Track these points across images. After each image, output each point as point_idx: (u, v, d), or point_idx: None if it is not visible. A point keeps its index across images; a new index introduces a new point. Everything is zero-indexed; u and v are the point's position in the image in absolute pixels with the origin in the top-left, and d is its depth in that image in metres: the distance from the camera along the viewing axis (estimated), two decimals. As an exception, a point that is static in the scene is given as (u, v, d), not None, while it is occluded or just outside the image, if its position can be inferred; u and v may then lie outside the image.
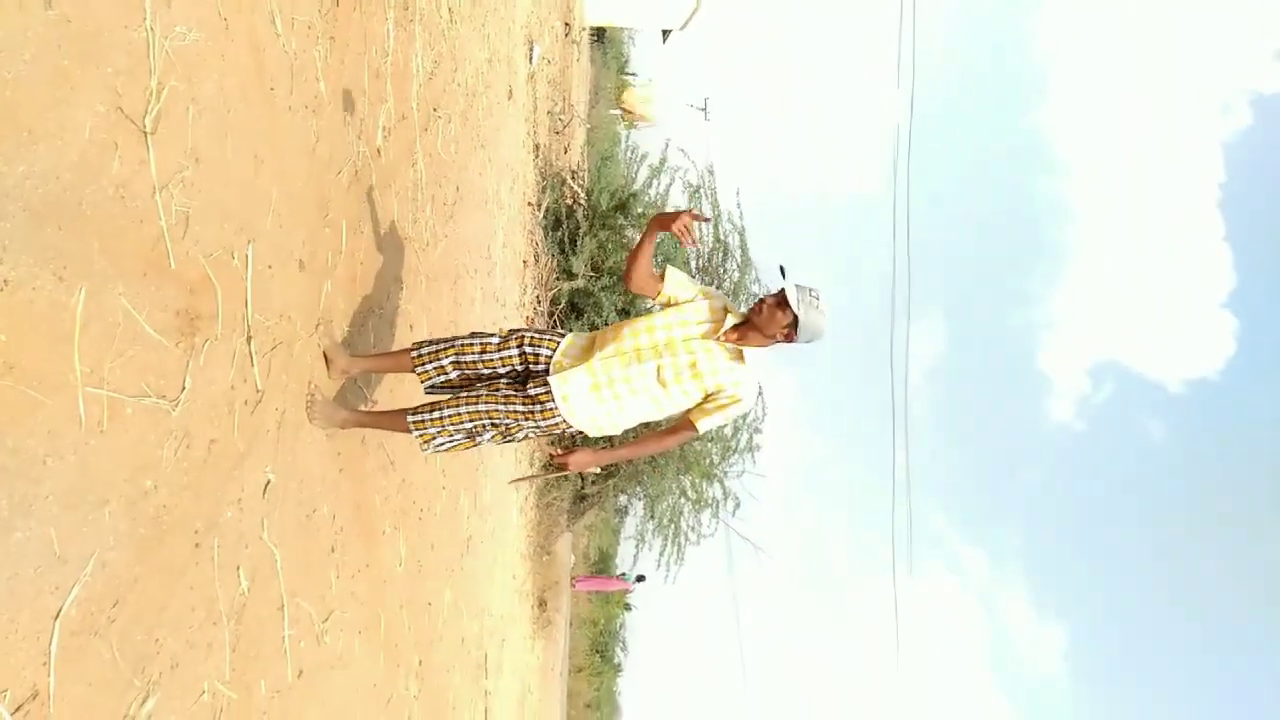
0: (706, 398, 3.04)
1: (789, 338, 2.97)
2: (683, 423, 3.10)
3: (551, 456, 3.31)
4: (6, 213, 1.49)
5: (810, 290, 2.93)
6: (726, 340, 3.01)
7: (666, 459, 9.16)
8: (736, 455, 9.87)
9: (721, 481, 9.91)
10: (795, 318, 2.89)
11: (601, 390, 2.99)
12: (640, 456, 3.26)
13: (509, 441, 3.20)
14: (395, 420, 3.15)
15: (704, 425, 3.04)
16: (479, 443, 3.16)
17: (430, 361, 3.11)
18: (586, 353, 3.04)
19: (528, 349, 3.06)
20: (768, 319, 2.93)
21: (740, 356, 3.02)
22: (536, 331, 3.10)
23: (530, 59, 9.09)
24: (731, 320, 3.00)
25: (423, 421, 3.07)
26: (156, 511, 1.91)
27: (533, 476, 3.11)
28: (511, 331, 3.11)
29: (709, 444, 9.77)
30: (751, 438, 9.82)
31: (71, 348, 1.64)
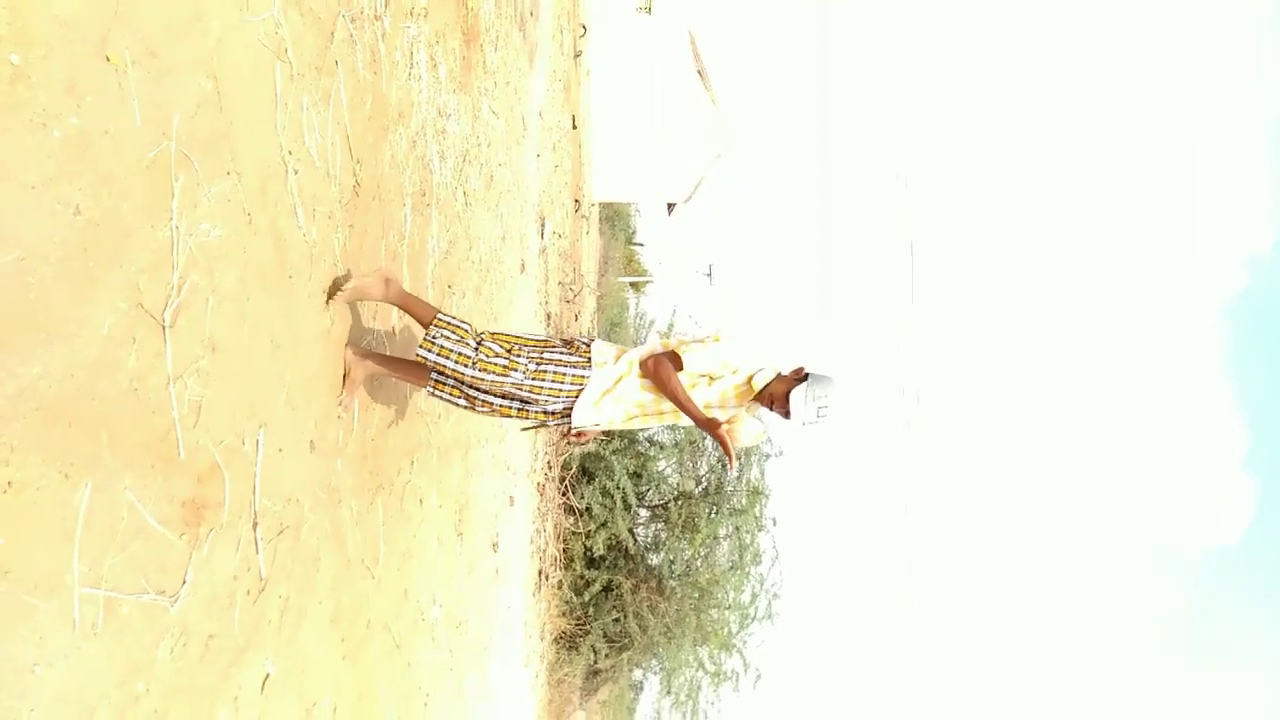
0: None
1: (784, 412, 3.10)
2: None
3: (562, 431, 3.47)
4: (19, 414, 1.49)
5: (822, 396, 3.03)
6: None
7: (683, 630, 8.82)
8: (755, 623, 9.52)
9: (741, 652, 9.51)
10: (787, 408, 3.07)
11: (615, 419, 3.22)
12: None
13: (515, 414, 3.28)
14: (414, 370, 3.28)
15: (685, 353, 3.06)
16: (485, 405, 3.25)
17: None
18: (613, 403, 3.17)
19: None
20: (775, 390, 3.10)
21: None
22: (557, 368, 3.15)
23: (542, 234, 9.46)
24: (760, 383, 3.12)
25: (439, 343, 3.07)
26: (146, 718, 1.81)
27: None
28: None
29: (726, 611, 9.44)
30: (770, 604, 9.50)
31: (72, 547, 1.60)
